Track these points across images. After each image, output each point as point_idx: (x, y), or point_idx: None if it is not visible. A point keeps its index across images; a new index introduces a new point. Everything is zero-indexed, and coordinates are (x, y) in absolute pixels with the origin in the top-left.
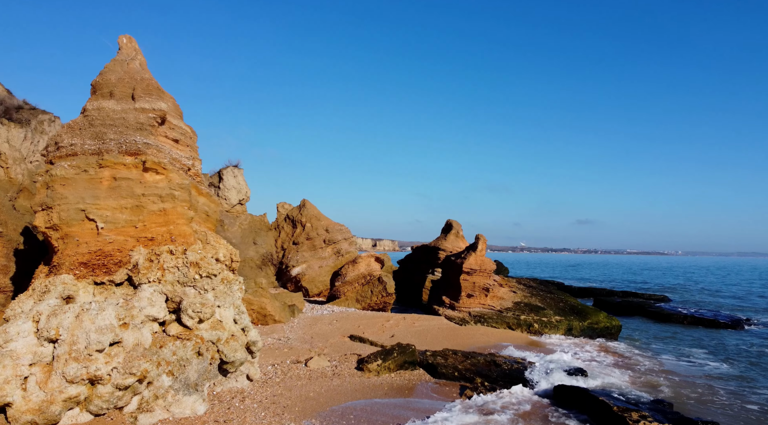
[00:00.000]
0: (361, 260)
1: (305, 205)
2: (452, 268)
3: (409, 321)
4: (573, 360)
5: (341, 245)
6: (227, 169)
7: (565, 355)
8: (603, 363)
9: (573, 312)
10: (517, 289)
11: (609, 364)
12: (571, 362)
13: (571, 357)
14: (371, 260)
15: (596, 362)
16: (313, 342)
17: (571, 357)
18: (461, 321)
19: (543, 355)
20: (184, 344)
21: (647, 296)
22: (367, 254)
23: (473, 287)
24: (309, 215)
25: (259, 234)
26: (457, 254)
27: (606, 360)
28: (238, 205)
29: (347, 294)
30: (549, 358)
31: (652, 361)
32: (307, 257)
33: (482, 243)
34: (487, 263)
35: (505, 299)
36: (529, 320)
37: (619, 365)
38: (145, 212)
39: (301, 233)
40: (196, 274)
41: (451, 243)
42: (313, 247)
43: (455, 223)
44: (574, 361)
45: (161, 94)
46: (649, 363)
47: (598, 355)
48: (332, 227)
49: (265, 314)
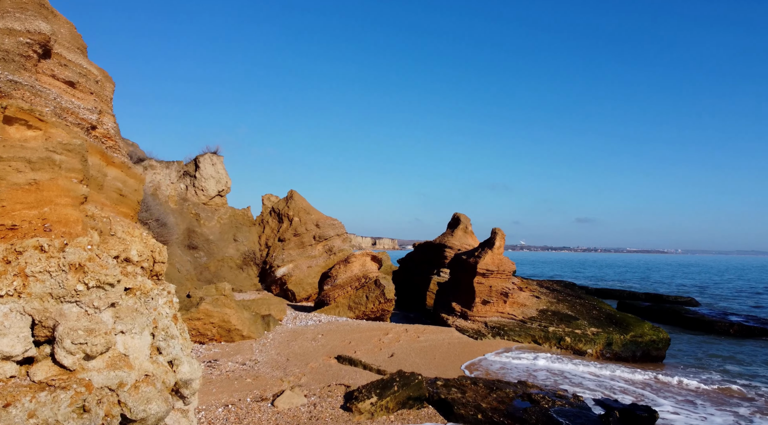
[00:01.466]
0: (355, 259)
1: (293, 197)
2: (464, 269)
3: (413, 334)
4: (637, 392)
5: (333, 242)
6: (204, 156)
7: (621, 384)
8: (694, 403)
9: (610, 322)
10: (540, 293)
11: (706, 403)
12: (637, 394)
13: (635, 388)
14: (366, 259)
15: (678, 398)
16: (288, 367)
17: (638, 391)
18: (476, 334)
19: (591, 383)
20: (55, 396)
21: (672, 298)
22: (361, 253)
23: (489, 292)
24: (297, 208)
25: (240, 230)
26: (469, 253)
27: (687, 394)
28: (217, 197)
29: (338, 300)
30: (605, 386)
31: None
32: (294, 256)
33: (500, 239)
34: (506, 263)
35: (528, 306)
36: (560, 332)
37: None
38: (3, 186)
39: (288, 229)
40: (79, 283)
41: (458, 240)
42: (301, 244)
43: (463, 217)
44: (641, 393)
45: (47, 14)
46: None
47: (672, 388)
48: (323, 221)
49: (230, 328)
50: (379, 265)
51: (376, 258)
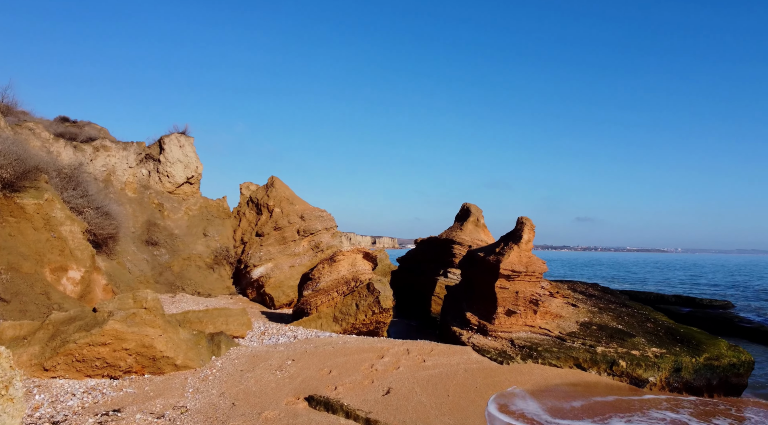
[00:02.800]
0: (343, 257)
1: (274, 184)
2: (481, 270)
3: (416, 357)
4: None
5: (321, 237)
6: (170, 137)
7: None
8: None
9: (674, 339)
10: (577, 300)
11: None
12: None
13: None
14: (357, 257)
15: None
16: (230, 417)
17: None
18: (500, 356)
19: None
20: None
21: (707, 302)
22: (351, 250)
23: (515, 300)
24: (278, 198)
25: (212, 223)
26: (487, 249)
27: None
28: (185, 184)
29: (321, 309)
30: None
31: None
32: (274, 254)
33: (528, 231)
34: (536, 263)
35: (564, 317)
36: (611, 353)
37: None
38: None
39: (267, 222)
40: None
41: (469, 234)
42: (282, 239)
43: (474, 207)
44: None
45: None
46: None
47: None
48: (309, 213)
49: (154, 356)
50: (374, 265)
51: (370, 256)
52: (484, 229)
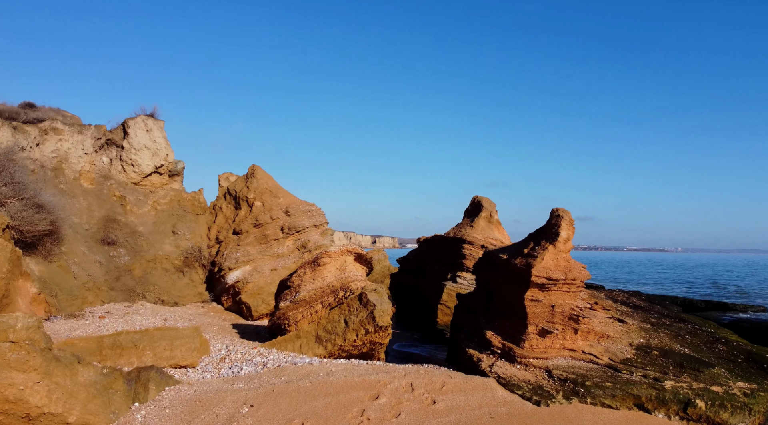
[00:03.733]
0: (329, 260)
1: (254, 174)
2: (505, 276)
3: (423, 395)
4: None
5: (309, 235)
6: (136, 119)
7: None
8: None
9: (759, 368)
10: (622, 313)
11: None
12: None
13: None
14: (347, 260)
15: None
16: None
17: None
18: (536, 393)
19: None
20: None
21: (741, 307)
22: (340, 250)
23: (551, 315)
24: (260, 190)
25: (183, 219)
26: (512, 250)
27: None
28: (154, 174)
29: (301, 326)
30: None
31: None
32: (253, 254)
33: (567, 226)
34: (576, 268)
35: (613, 337)
36: (684, 390)
37: None
38: None
39: (246, 217)
40: None
41: (481, 232)
42: (263, 238)
43: (486, 201)
44: None
45: None
46: None
47: None
48: (295, 207)
49: (30, 414)
50: (368, 269)
51: (363, 258)
52: (499, 226)
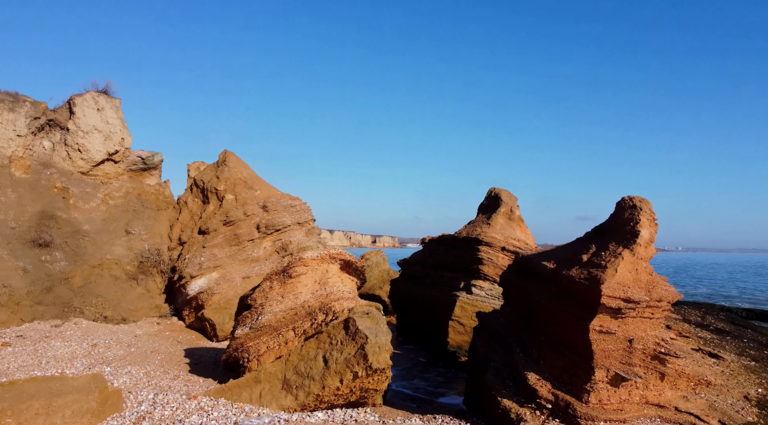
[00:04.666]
0: (305, 269)
1: (226, 161)
2: (557, 295)
3: None
4: None
5: (291, 234)
6: (84, 97)
7: None
8: None
9: None
10: (708, 342)
11: None
12: None
13: None
14: (331, 268)
15: None
16: None
17: None
18: None
19: None
20: None
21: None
22: (320, 255)
23: (629, 354)
24: (232, 180)
25: (140, 215)
26: (560, 256)
27: None
28: (107, 162)
29: (264, 363)
30: None
31: None
32: (222, 259)
33: (649, 223)
34: (661, 284)
35: (715, 385)
36: None
37: None
38: None
39: (215, 214)
40: None
41: (500, 231)
42: (234, 238)
43: (506, 194)
44: None
45: None
46: None
47: None
48: (275, 201)
49: None
50: (359, 281)
51: (352, 267)
52: (521, 224)
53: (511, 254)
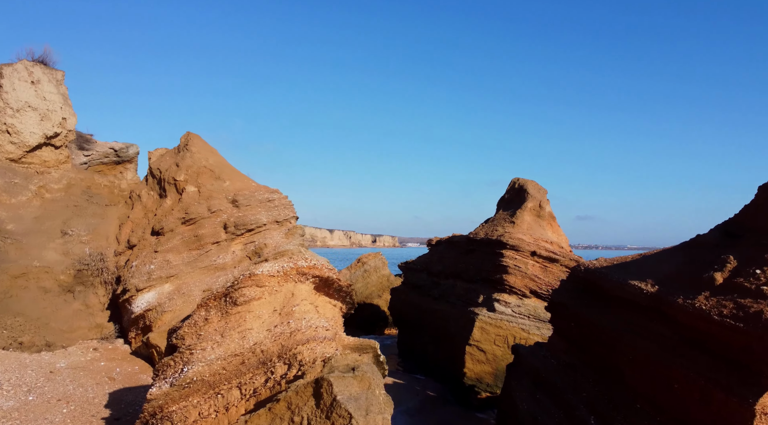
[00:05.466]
0: (259, 291)
1: (188, 145)
2: (676, 345)
3: None
4: None
5: (267, 236)
6: (15, 67)
7: None
8: None
9: None
10: None
11: None
12: None
13: None
14: (299, 290)
15: None
16: None
17: None
18: None
19: None
20: None
21: None
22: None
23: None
24: (195, 169)
25: (83, 212)
26: (664, 273)
27: None
28: (44, 147)
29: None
30: None
31: None
32: (178, 266)
33: None
34: None
35: None
36: None
37: None
38: None
39: (172, 210)
40: None
41: (529, 231)
42: (195, 240)
43: (533, 186)
44: None
45: None
46: None
47: None
48: (248, 195)
49: None
50: (345, 306)
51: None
52: (552, 222)
53: (543, 261)
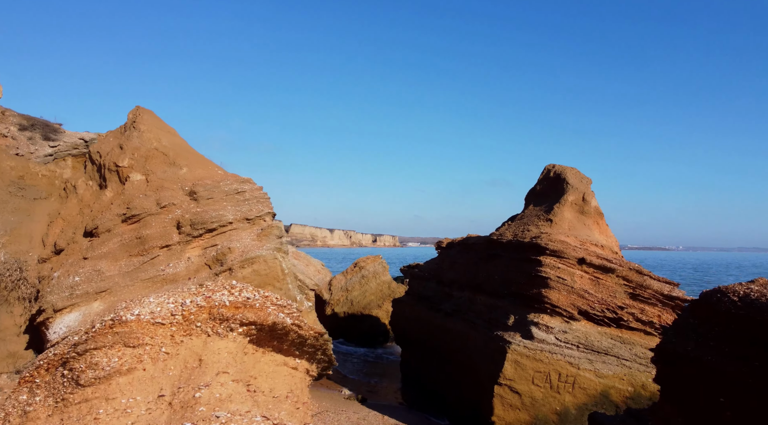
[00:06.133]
0: (132, 351)
1: (136, 123)
2: None
3: None
4: None
5: (234, 237)
6: None
7: None
8: None
9: None
10: None
11: None
12: None
13: None
14: (219, 345)
15: None
16: None
17: None
18: None
19: None
20: None
21: None
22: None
23: None
24: (143, 152)
25: (3, 208)
26: None
27: None
28: None
29: None
30: None
31: None
32: (112, 277)
33: None
34: None
35: None
36: None
37: None
38: None
39: (111, 204)
40: None
41: (571, 231)
42: (139, 243)
43: (574, 175)
44: None
45: None
46: None
47: None
48: (210, 185)
49: None
50: (316, 365)
51: (283, 334)
52: (599, 220)
53: (595, 271)
